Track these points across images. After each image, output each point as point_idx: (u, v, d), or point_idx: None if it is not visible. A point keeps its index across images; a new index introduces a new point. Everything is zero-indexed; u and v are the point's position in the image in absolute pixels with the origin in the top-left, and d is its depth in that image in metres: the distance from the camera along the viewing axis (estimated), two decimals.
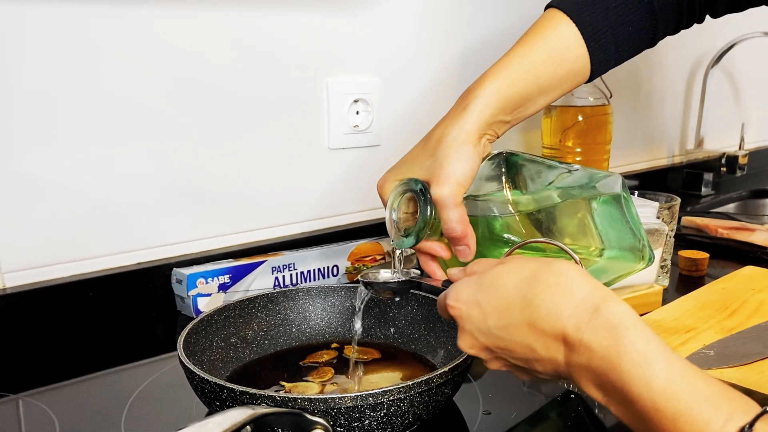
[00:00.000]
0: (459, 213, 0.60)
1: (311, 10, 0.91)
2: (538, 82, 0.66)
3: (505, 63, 0.66)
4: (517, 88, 0.65)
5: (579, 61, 0.68)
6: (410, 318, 0.72)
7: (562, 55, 0.67)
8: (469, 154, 0.61)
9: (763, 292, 0.82)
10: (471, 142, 0.62)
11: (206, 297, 0.81)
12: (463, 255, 0.62)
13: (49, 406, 0.62)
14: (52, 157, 0.75)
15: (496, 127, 0.65)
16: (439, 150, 0.61)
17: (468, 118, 0.62)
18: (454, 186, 0.60)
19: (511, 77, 0.65)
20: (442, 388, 0.55)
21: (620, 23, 0.69)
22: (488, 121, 0.63)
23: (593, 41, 0.68)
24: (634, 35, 0.71)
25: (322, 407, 0.50)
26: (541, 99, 0.67)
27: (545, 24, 0.68)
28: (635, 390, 0.40)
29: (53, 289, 0.76)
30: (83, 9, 0.74)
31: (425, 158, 0.63)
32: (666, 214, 0.87)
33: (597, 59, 0.69)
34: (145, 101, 0.80)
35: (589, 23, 0.67)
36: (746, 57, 1.69)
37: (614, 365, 0.41)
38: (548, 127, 1.16)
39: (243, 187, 0.90)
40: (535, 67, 0.66)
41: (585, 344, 0.43)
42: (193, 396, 0.58)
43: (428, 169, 0.62)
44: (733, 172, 1.56)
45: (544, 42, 0.67)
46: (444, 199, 0.59)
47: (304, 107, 0.94)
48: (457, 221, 0.60)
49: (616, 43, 0.69)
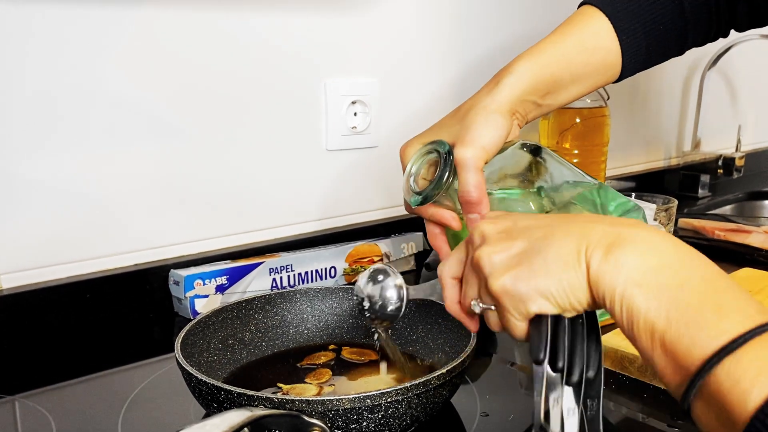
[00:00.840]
0: (478, 178, 0.59)
1: (309, 12, 0.91)
2: (570, 68, 0.66)
3: (539, 47, 0.67)
4: (549, 69, 0.65)
5: (611, 54, 0.69)
6: (408, 320, 0.72)
7: (595, 45, 0.68)
8: (498, 122, 0.61)
9: (760, 294, 0.83)
10: (500, 112, 0.62)
11: (204, 298, 0.81)
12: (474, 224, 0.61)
13: (46, 408, 0.62)
14: (50, 158, 0.75)
15: (527, 107, 0.65)
16: (468, 116, 0.61)
17: (500, 91, 0.62)
18: (478, 149, 0.59)
19: (544, 59, 0.65)
20: (440, 390, 0.55)
21: (652, 22, 0.70)
22: (520, 97, 0.63)
23: (625, 36, 0.69)
24: (664, 38, 0.71)
25: (319, 409, 0.50)
26: (572, 87, 0.68)
27: (579, 17, 0.69)
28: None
29: (50, 291, 0.75)
30: (81, 11, 0.74)
31: (453, 124, 0.63)
32: (663, 216, 0.87)
33: (628, 54, 0.69)
34: (143, 103, 0.80)
35: (621, 18, 0.68)
36: (743, 59, 1.69)
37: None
38: (546, 129, 1.16)
39: (240, 189, 0.90)
40: (569, 53, 0.66)
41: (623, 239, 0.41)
42: (191, 398, 0.58)
43: (455, 133, 0.61)
44: (729, 174, 1.56)
45: (579, 32, 0.68)
46: (466, 161, 0.59)
47: (301, 108, 0.94)
48: (474, 185, 0.59)
49: (647, 41, 0.70)
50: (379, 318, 0.62)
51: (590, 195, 0.65)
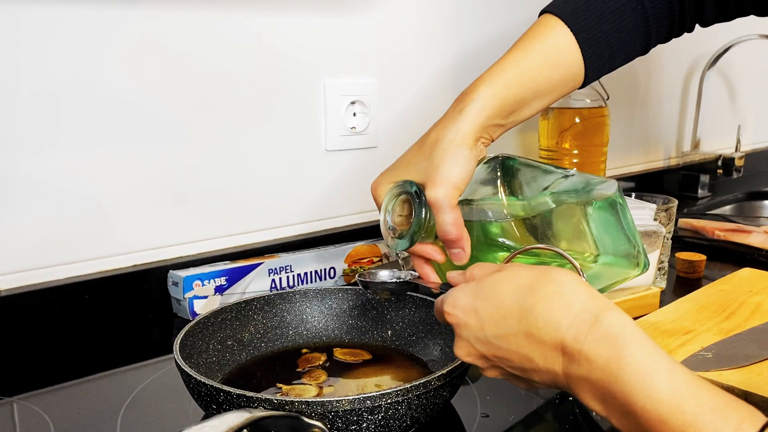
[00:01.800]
0: (454, 216, 0.60)
1: (308, 12, 0.91)
2: (533, 86, 0.66)
3: (501, 67, 0.66)
4: (512, 91, 0.64)
5: (574, 66, 0.68)
6: (408, 320, 0.72)
7: (558, 60, 0.67)
8: (465, 156, 0.61)
9: (760, 294, 0.82)
10: (467, 145, 0.61)
11: (202, 299, 0.81)
12: (458, 258, 0.61)
13: (45, 410, 0.62)
14: (47, 159, 0.75)
15: (491, 131, 0.65)
16: (435, 152, 0.61)
17: (464, 120, 0.62)
18: (449, 188, 0.59)
19: (506, 81, 0.64)
20: (440, 391, 0.54)
21: (614, 30, 0.69)
22: (484, 124, 0.63)
23: (588, 46, 0.68)
24: (627, 42, 0.71)
25: (319, 410, 0.49)
26: (535, 103, 0.67)
27: (540, 29, 0.68)
28: (639, 402, 0.40)
29: (48, 292, 0.75)
30: (79, 10, 0.74)
31: (421, 161, 0.62)
32: (663, 216, 0.87)
33: (591, 64, 0.69)
34: (141, 103, 0.80)
35: (584, 28, 0.68)
36: (742, 59, 1.69)
37: (616, 377, 0.41)
38: (545, 129, 1.16)
39: (239, 189, 0.90)
40: (531, 71, 0.66)
41: (584, 355, 0.43)
42: (190, 399, 0.58)
43: (424, 171, 0.61)
44: (729, 174, 1.56)
45: (540, 46, 0.67)
46: (439, 202, 0.59)
47: (301, 109, 0.94)
48: (452, 224, 0.59)
49: (610, 49, 0.70)
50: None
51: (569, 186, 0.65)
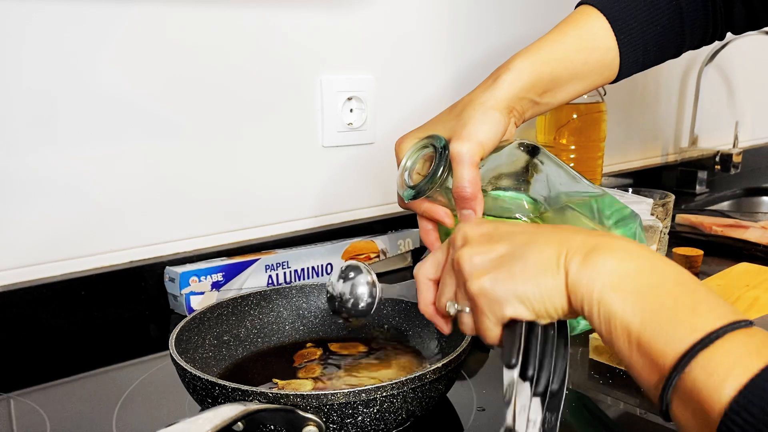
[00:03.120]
0: (473, 173, 0.58)
1: (305, 8, 0.91)
2: (569, 66, 0.66)
3: (538, 45, 0.66)
4: (549, 67, 0.65)
5: (609, 53, 0.69)
6: (404, 315, 0.72)
7: (594, 44, 0.68)
8: (496, 119, 0.60)
9: (757, 289, 0.82)
10: (498, 109, 0.61)
11: (199, 295, 0.81)
12: (468, 220, 0.60)
13: (41, 405, 0.62)
14: (44, 156, 0.75)
15: (524, 105, 0.65)
16: (465, 111, 0.61)
17: (499, 87, 0.62)
18: (474, 144, 0.59)
19: (543, 57, 0.65)
20: (436, 384, 0.54)
21: (649, 22, 0.70)
22: (518, 94, 0.63)
23: (623, 35, 0.68)
24: (661, 37, 0.71)
25: (314, 404, 0.49)
26: (570, 86, 0.67)
27: (576, 17, 0.69)
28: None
29: (45, 288, 0.75)
30: (76, 8, 0.73)
31: (450, 119, 0.62)
32: (660, 210, 0.87)
33: (626, 54, 0.69)
34: (138, 100, 0.80)
35: (619, 17, 0.68)
36: (740, 55, 1.69)
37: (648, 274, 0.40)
38: (543, 125, 1.16)
39: (236, 185, 0.90)
40: (567, 51, 0.66)
41: (601, 248, 0.41)
42: (186, 394, 0.58)
43: (452, 128, 0.61)
44: (727, 170, 1.56)
45: (577, 31, 0.68)
46: (461, 156, 0.58)
47: (297, 105, 0.94)
48: (469, 180, 0.58)
49: (644, 41, 0.70)
50: (351, 315, 0.62)
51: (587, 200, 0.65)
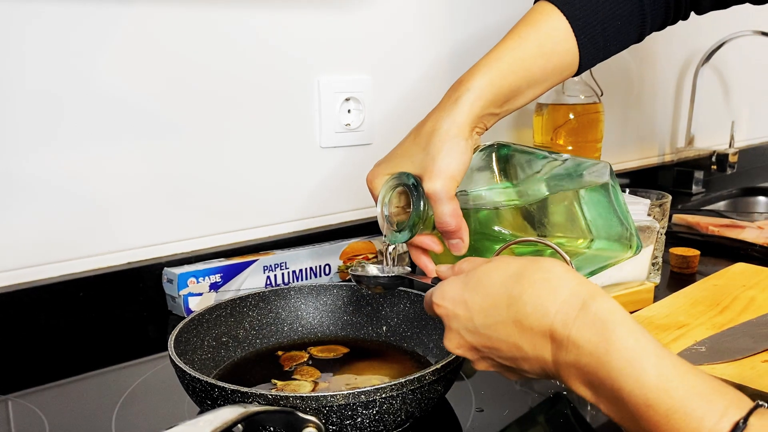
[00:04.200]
0: (452, 207, 0.60)
1: (302, 8, 0.91)
2: (528, 75, 0.66)
3: (496, 55, 0.66)
4: (507, 80, 0.65)
5: (568, 55, 0.69)
6: (402, 316, 0.72)
7: (553, 49, 0.67)
8: (462, 147, 0.61)
9: (753, 289, 0.83)
10: (463, 136, 0.61)
11: (197, 296, 0.81)
12: (457, 248, 0.61)
13: (39, 407, 0.62)
14: (42, 157, 0.74)
15: (486, 120, 0.65)
16: (431, 144, 0.61)
17: (460, 110, 0.62)
18: (447, 180, 0.59)
19: (502, 70, 0.65)
20: (435, 386, 0.55)
21: (610, 17, 0.69)
22: (479, 114, 0.63)
23: (583, 35, 0.68)
24: (622, 30, 0.71)
25: (313, 405, 0.49)
26: (530, 92, 0.68)
27: (535, 16, 0.68)
28: (626, 387, 0.40)
29: (43, 289, 0.75)
30: (74, 8, 0.73)
31: (417, 152, 0.62)
32: (657, 211, 0.87)
33: (586, 53, 0.69)
34: (135, 101, 0.80)
35: (579, 16, 0.68)
36: (736, 55, 1.70)
37: (603, 362, 0.41)
38: (540, 125, 1.16)
39: (234, 186, 0.90)
40: (526, 60, 0.66)
41: (573, 341, 0.43)
42: (185, 396, 0.58)
43: (420, 163, 0.61)
44: (723, 170, 1.56)
45: (535, 34, 0.67)
46: (437, 194, 0.59)
47: (295, 106, 0.94)
48: (450, 215, 0.59)
49: (605, 37, 0.70)
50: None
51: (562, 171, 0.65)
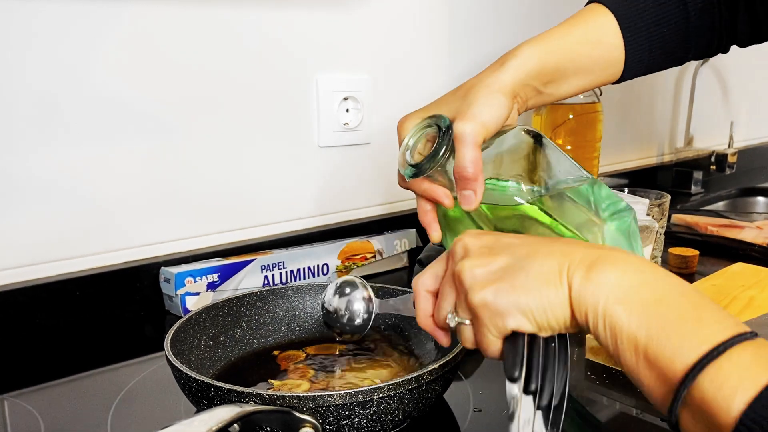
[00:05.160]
0: (475, 153, 0.58)
1: (301, 7, 0.91)
2: (574, 58, 0.66)
3: (545, 35, 0.66)
4: (555, 56, 0.65)
5: (615, 50, 0.69)
6: (400, 315, 0.72)
7: (600, 39, 0.68)
8: (500, 101, 0.60)
9: (752, 289, 0.83)
10: (504, 92, 0.61)
11: (195, 296, 0.80)
12: (468, 201, 0.59)
13: (35, 407, 0.62)
14: (39, 156, 0.74)
15: (528, 92, 0.65)
16: (471, 93, 0.61)
17: (505, 71, 0.62)
18: (477, 124, 0.58)
19: (549, 46, 0.65)
20: (432, 386, 0.54)
21: (656, 23, 0.70)
22: (524, 80, 0.63)
23: (630, 33, 0.69)
24: (667, 40, 0.72)
25: (310, 405, 0.49)
26: (574, 79, 0.68)
27: (584, 13, 0.70)
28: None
29: (40, 289, 0.75)
30: (72, 7, 0.73)
31: (454, 100, 0.62)
32: (656, 211, 0.87)
33: (631, 52, 0.70)
34: (133, 101, 0.79)
35: (626, 16, 0.69)
36: (735, 56, 1.68)
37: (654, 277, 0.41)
38: (539, 125, 1.16)
39: (232, 186, 0.90)
40: (573, 44, 0.66)
41: (606, 263, 0.42)
42: (181, 396, 0.58)
43: (456, 108, 0.61)
44: (722, 171, 1.56)
45: (584, 25, 0.68)
46: (465, 136, 0.58)
47: (293, 105, 0.93)
48: (471, 160, 0.58)
49: (650, 42, 0.70)
50: (345, 332, 0.62)
51: (584, 190, 0.65)
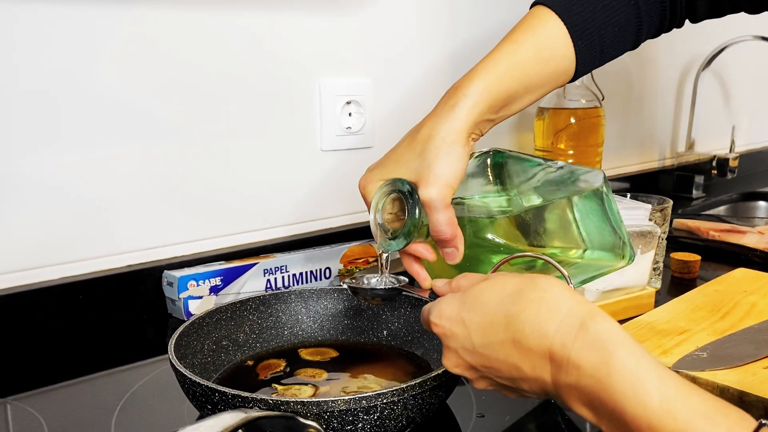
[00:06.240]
0: (448, 215, 0.59)
1: (304, 11, 0.91)
2: (525, 81, 0.65)
3: (493, 60, 0.65)
4: (504, 86, 0.64)
5: (565, 61, 0.68)
6: (403, 320, 0.72)
7: (550, 54, 0.67)
8: (458, 154, 0.60)
9: (754, 294, 0.83)
10: (460, 142, 0.61)
11: (197, 299, 0.80)
12: (451, 257, 0.61)
13: (38, 410, 0.62)
14: (42, 159, 0.74)
15: (482, 126, 0.65)
16: (428, 150, 0.60)
17: (456, 117, 0.61)
18: (443, 187, 0.59)
19: (499, 76, 0.64)
20: (436, 391, 0.54)
21: (607, 24, 0.69)
22: (476, 120, 0.63)
23: (580, 40, 0.68)
24: (619, 36, 0.71)
25: (314, 410, 0.49)
26: (526, 97, 0.67)
27: (533, 21, 0.68)
28: (629, 409, 0.39)
29: (43, 292, 0.75)
30: (72, 9, 0.73)
31: (412, 158, 0.61)
32: (658, 216, 0.87)
33: (582, 59, 0.69)
34: (135, 103, 0.80)
35: (576, 22, 0.67)
36: (737, 60, 1.70)
37: (605, 384, 0.40)
38: (541, 130, 1.16)
39: (235, 189, 0.90)
40: (523, 65, 0.65)
41: (572, 362, 0.42)
42: (185, 400, 0.58)
43: (416, 170, 0.60)
44: (723, 175, 1.56)
45: (533, 39, 0.66)
46: (433, 201, 0.58)
47: (296, 109, 0.93)
48: (446, 223, 0.59)
49: (601, 43, 0.70)
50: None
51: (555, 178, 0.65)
